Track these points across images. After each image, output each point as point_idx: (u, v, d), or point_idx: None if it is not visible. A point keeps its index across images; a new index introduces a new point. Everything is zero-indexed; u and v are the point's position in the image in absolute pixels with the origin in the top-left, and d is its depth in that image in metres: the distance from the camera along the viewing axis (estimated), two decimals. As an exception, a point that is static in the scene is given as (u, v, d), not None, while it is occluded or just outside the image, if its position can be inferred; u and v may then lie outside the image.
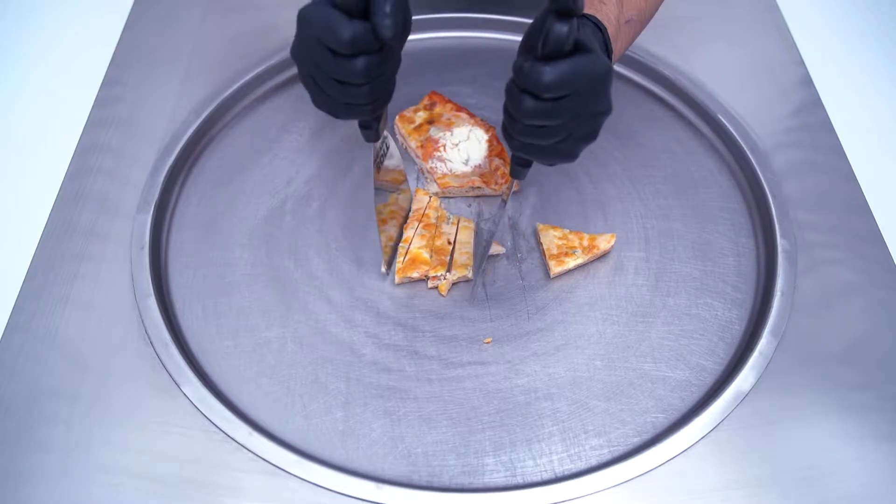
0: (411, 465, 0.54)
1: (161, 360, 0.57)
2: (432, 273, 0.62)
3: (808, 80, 0.78)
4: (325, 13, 0.42)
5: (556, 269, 0.64)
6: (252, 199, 0.69)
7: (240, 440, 0.53)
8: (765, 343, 0.59)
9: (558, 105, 0.42)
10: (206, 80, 0.76)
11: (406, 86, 0.76)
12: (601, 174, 0.71)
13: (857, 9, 0.88)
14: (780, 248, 0.64)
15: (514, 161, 0.51)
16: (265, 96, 0.77)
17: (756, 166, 0.69)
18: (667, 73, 0.77)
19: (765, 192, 0.68)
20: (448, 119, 0.72)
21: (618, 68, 0.80)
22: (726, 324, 0.62)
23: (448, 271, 0.63)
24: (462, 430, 0.56)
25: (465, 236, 0.65)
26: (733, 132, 0.72)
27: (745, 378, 0.57)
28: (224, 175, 0.71)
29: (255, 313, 0.62)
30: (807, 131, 0.74)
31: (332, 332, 0.61)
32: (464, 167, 0.69)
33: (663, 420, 0.56)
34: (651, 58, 0.78)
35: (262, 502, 0.51)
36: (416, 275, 0.62)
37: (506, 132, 0.47)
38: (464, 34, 0.83)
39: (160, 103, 0.74)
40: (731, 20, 0.84)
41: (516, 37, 0.82)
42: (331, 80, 0.45)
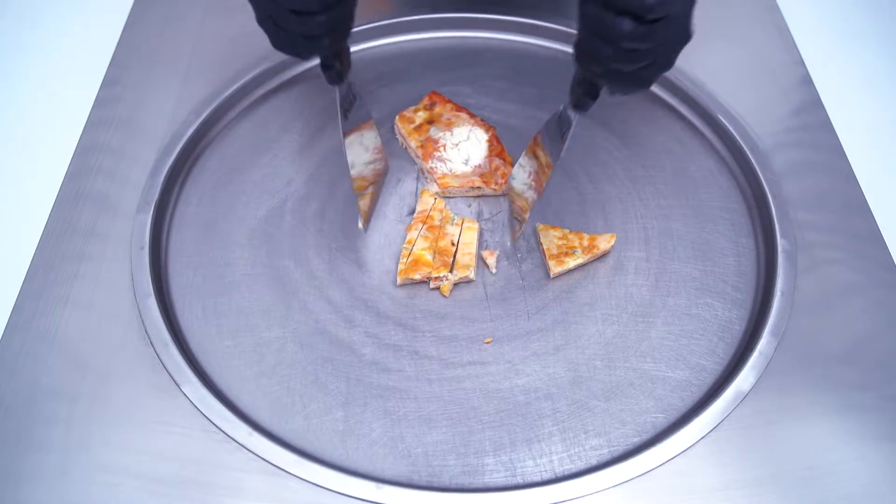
0: (411, 465, 0.54)
1: (161, 360, 0.57)
2: (434, 274, 0.62)
3: (808, 80, 0.77)
4: None
5: (556, 269, 0.64)
6: (252, 199, 0.69)
7: (240, 440, 0.53)
8: (765, 343, 0.59)
9: (654, 28, 0.43)
10: (206, 80, 0.75)
11: (406, 86, 0.76)
12: (601, 174, 0.71)
13: (857, 9, 0.88)
14: (780, 248, 0.64)
15: (583, 91, 0.51)
16: (265, 96, 0.77)
17: (756, 166, 0.69)
18: (667, 72, 0.77)
19: (765, 192, 0.68)
20: (448, 119, 0.72)
21: (618, 68, 0.80)
22: (726, 324, 0.62)
23: (450, 272, 0.63)
24: (462, 430, 0.56)
25: (469, 237, 0.65)
26: (733, 132, 0.72)
27: (745, 378, 0.57)
28: (224, 175, 0.71)
29: (255, 313, 0.62)
30: (807, 131, 0.74)
31: (332, 332, 0.61)
32: (464, 167, 0.69)
33: (663, 420, 0.56)
34: (651, 58, 0.78)
35: (262, 502, 0.51)
36: (418, 276, 0.62)
37: (588, 58, 0.48)
38: (464, 34, 0.83)
39: (160, 103, 0.74)
40: (731, 20, 0.84)
41: (516, 37, 0.82)
42: (287, 12, 0.46)
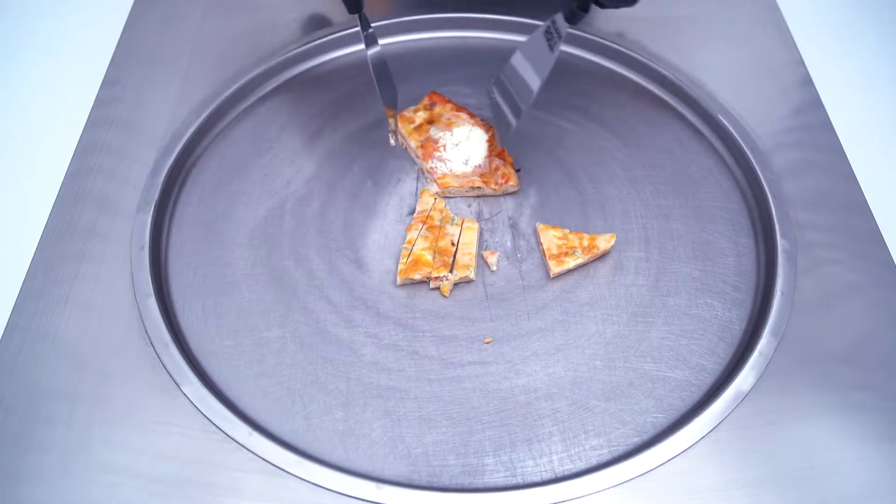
0: (411, 465, 0.54)
1: (161, 360, 0.57)
2: (434, 274, 0.62)
3: (808, 80, 0.77)
4: None
5: (556, 269, 0.64)
6: (252, 199, 0.69)
7: (240, 440, 0.53)
8: (765, 343, 0.59)
9: None
10: (206, 80, 0.76)
11: (406, 86, 0.76)
12: (601, 174, 0.71)
13: (856, 9, 0.88)
14: (780, 248, 0.64)
15: (577, 4, 0.55)
16: (265, 96, 0.77)
17: (756, 166, 0.69)
18: (667, 73, 0.77)
19: (765, 192, 0.68)
20: (448, 119, 0.72)
21: (618, 68, 0.80)
22: (726, 324, 0.62)
23: (450, 272, 0.63)
24: (462, 430, 0.56)
25: (469, 237, 0.65)
26: (733, 132, 0.72)
27: (745, 378, 0.57)
28: (224, 175, 0.71)
29: (255, 313, 0.62)
30: (807, 131, 0.74)
31: (332, 332, 0.61)
32: (464, 167, 0.69)
33: (663, 420, 0.56)
34: (651, 57, 0.78)
35: (262, 502, 0.51)
36: (418, 276, 0.62)
37: None
38: (464, 34, 0.83)
39: (160, 103, 0.74)
40: (731, 20, 0.84)
41: (516, 37, 0.82)
42: None
